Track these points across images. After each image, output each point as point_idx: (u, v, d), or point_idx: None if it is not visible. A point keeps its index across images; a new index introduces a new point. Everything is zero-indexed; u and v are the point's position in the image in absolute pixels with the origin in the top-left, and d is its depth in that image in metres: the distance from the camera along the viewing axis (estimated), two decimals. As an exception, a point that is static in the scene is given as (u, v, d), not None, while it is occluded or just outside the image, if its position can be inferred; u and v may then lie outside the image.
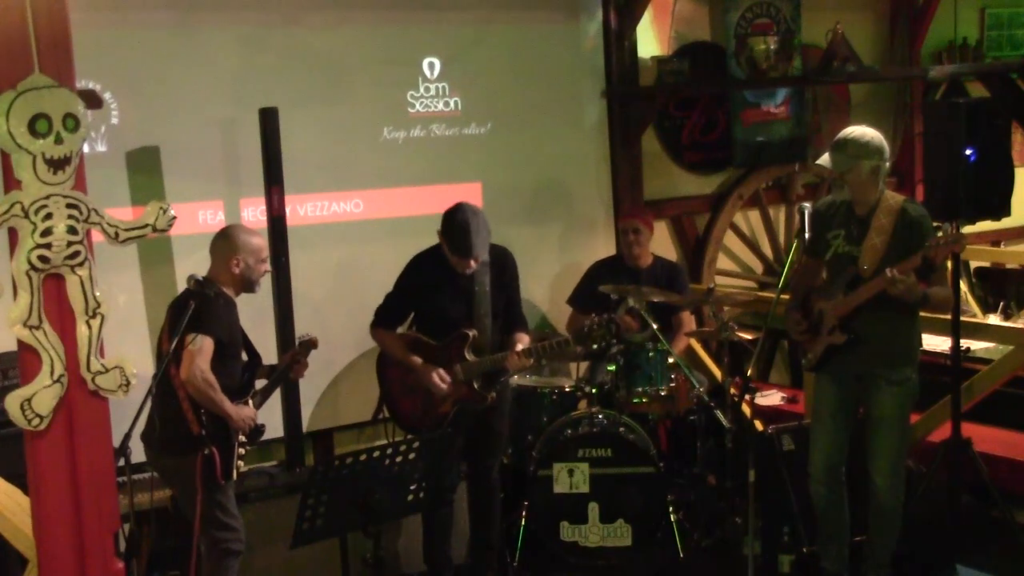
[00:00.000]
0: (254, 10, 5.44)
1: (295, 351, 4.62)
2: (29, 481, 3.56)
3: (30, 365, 3.43)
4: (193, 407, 4.06)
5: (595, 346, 4.74)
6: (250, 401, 4.34)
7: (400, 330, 4.92)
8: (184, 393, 4.04)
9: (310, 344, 4.65)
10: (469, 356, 4.66)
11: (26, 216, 3.32)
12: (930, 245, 4.11)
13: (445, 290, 4.67)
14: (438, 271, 4.68)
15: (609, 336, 4.64)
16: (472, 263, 4.59)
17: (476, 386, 4.67)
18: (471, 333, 4.65)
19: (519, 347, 4.67)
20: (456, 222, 4.56)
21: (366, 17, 5.72)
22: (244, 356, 4.45)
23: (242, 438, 4.25)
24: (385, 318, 4.81)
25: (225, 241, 4.33)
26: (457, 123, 6.00)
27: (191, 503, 4.06)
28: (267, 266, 4.46)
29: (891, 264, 4.20)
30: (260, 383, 4.50)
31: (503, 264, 4.79)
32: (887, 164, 4.40)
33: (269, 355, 5.27)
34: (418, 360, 4.71)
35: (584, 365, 6.01)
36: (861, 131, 4.39)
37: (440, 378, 4.64)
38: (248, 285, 4.37)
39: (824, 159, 4.43)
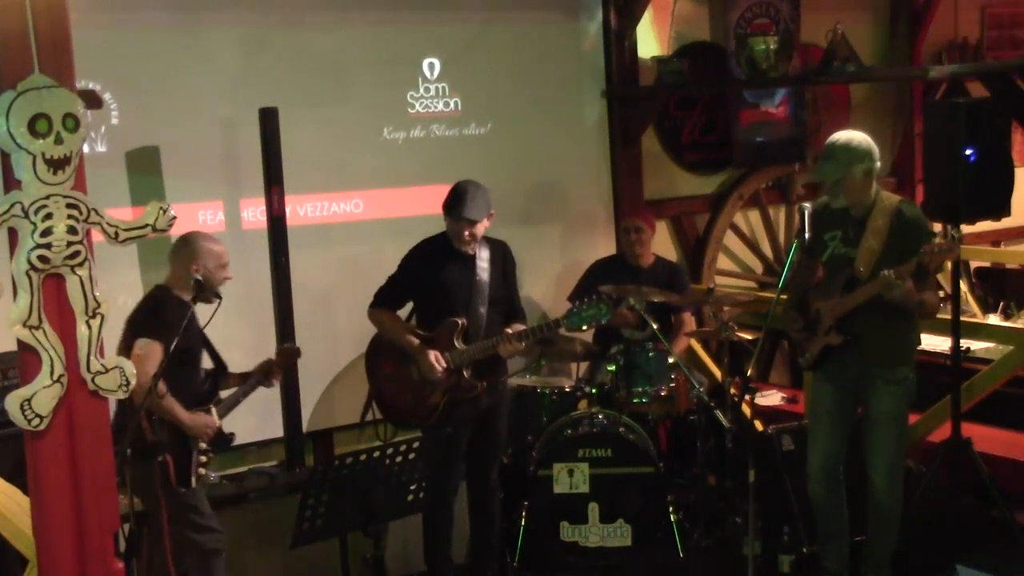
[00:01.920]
0: (254, 10, 5.44)
1: (271, 360, 4.58)
2: (29, 481, 3.56)
3: (30, 365, 3.42)
4: (146, 414, 4.02)
5: (584, 327, 4.73)
6: (213, 409, 4.30)
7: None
8: (138, 400, 4.00)
9: (289, 353, 4.61)
10: (459, 344, 4.66)
11: (26, 216, 3.31)
12: (925, 252, 4.10)
13: (447, 276, 4.68)
14: (442, 257, 4.70)
15: (600, 314, 4.60)
16: (467, 233, 4.60)
17: (466, 374, 4.67)
18: (460, 321, 4.65)
19: (509, 331, 4.67)
20: (456, 188, 4.67)
21: (366, 17, 5.72)
22: (215, 364, 4.42)
23: (203, 445, 4.22)
24: (385, 299, 4.80)
25: (186, 247, 4.30)
26: (457, 123, 6.00)
27: (156, 510, 4.04)
28: (227, 272, 4.39)
29: (886, 267, 4.20)
30: (235, 390, 4.47)
31: (502, 254, 4.82)
32: (878, 164, 4.40)
33: (269, 356, 5.28)
34: (414, 340, 4.70)
35: (584, 365, 6.01)
36: (847, 136, 4.38)
37: (436, 359, 4.63)
38: (208, 293, 4.33)
39: (817, 171, 4.44)
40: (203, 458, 4.22)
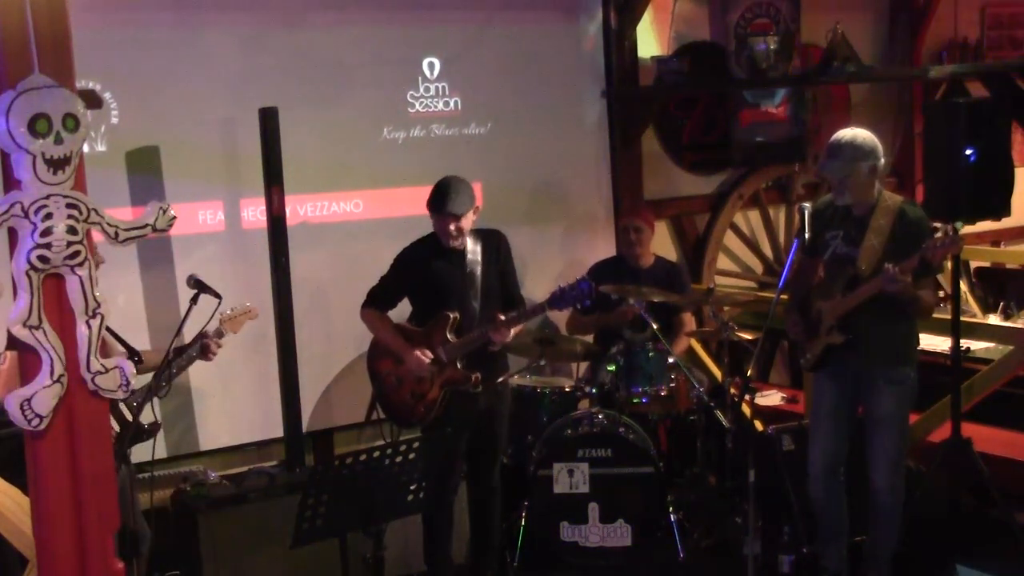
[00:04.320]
0: (254, 10, 5.44)
1: (206, 334, 4.49)
2: (29, 481, 3.56)
3: (30, 365, 3.42)
4: None
5: (573, 306, 4.74)
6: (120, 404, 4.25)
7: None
8: None
9: (223, 330, 4.54)
10: (451, 337, 4.67)
11: (26, 216, 3.31)
12: (928, 246, 4.12)
13: (437, 273, 4.70)
14: (432, 255, 4.72)
15: (584, 294, 4.60)
16: (452, 227, 4.62)
17: (460, 366, 4.68)
18: (452, 315, 4.67)
19: (501, 317, 4.67)
20: (438, 184, 4.69)
21: (366, 17, 5.72)
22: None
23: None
24: (377, 299, 4.83)
25: None
26: (457, 123, 6.00)
27: None
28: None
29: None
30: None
31: (495, 244, 4.82)
32: (882, 161, 4.41)
33: (269, 356, 5.28)
34: (399, 340, 4.74)
35: (584, 365, 6.01)
36: (852, 134, 4.39)
37: (422, 354, 4.65)
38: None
39: (823, 168, 4.45)
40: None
